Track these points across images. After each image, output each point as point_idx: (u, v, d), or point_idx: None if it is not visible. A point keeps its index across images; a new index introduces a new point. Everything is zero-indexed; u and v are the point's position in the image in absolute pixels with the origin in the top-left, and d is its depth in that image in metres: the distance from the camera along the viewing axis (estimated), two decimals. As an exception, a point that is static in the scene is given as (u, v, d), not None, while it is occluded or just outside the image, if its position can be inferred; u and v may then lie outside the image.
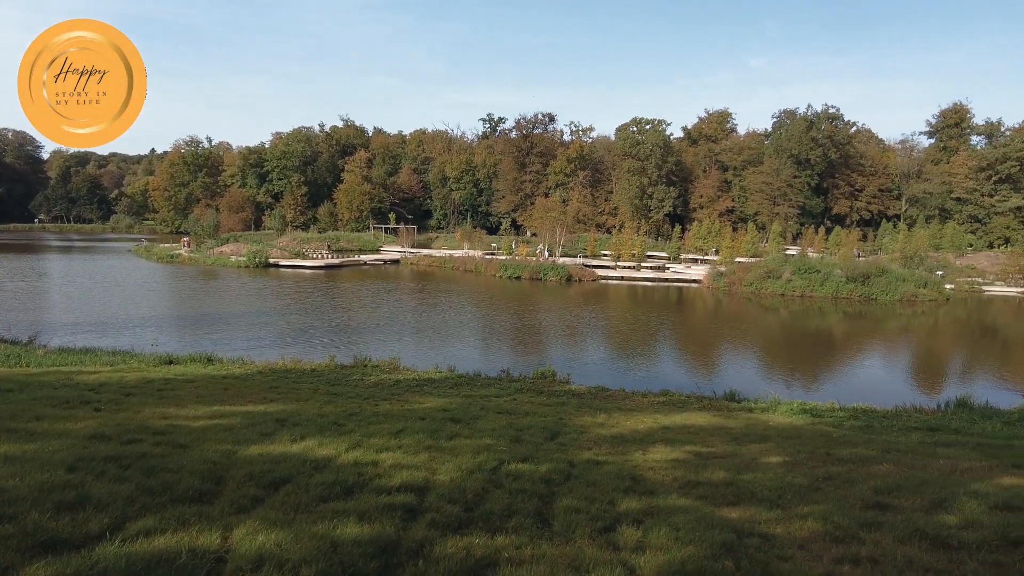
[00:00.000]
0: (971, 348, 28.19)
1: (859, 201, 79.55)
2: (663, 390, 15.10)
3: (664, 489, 5.92)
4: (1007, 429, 10.59)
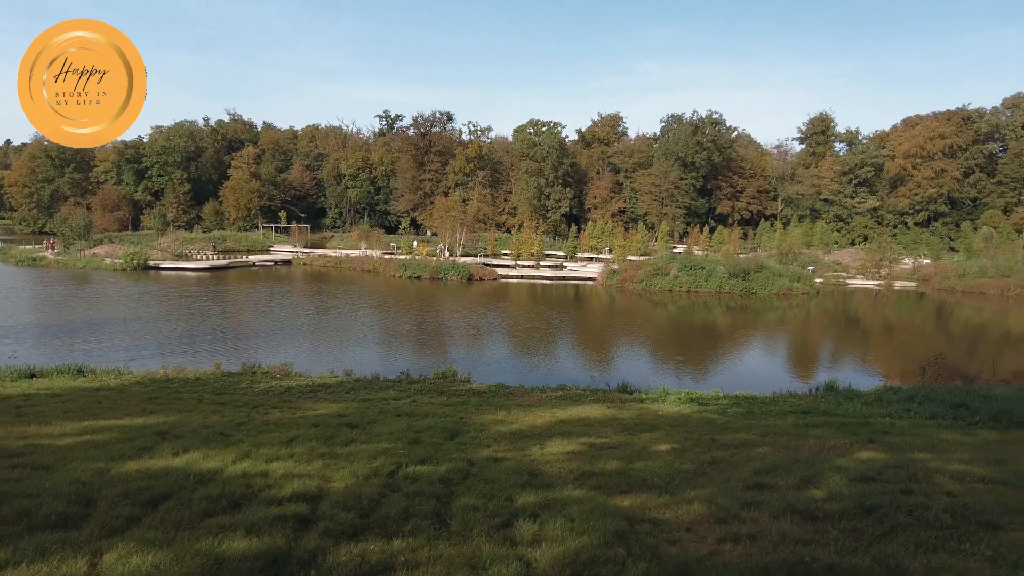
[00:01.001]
0: (838, 336, 30.85)
1: (740, 202, 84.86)
2: (561, 385, 15.45)
3: (560, 481, 6.06)
4: (865, 409, 11.67)
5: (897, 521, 4.80)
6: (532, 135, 78.99)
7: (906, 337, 31.21)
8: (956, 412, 10.85)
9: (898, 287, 47.74)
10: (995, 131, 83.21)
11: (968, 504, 5.19)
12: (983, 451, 7.83)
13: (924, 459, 7.17)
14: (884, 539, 4.44)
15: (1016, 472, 6.39)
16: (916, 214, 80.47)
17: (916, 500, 5.32)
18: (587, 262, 58.72)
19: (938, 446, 8.18)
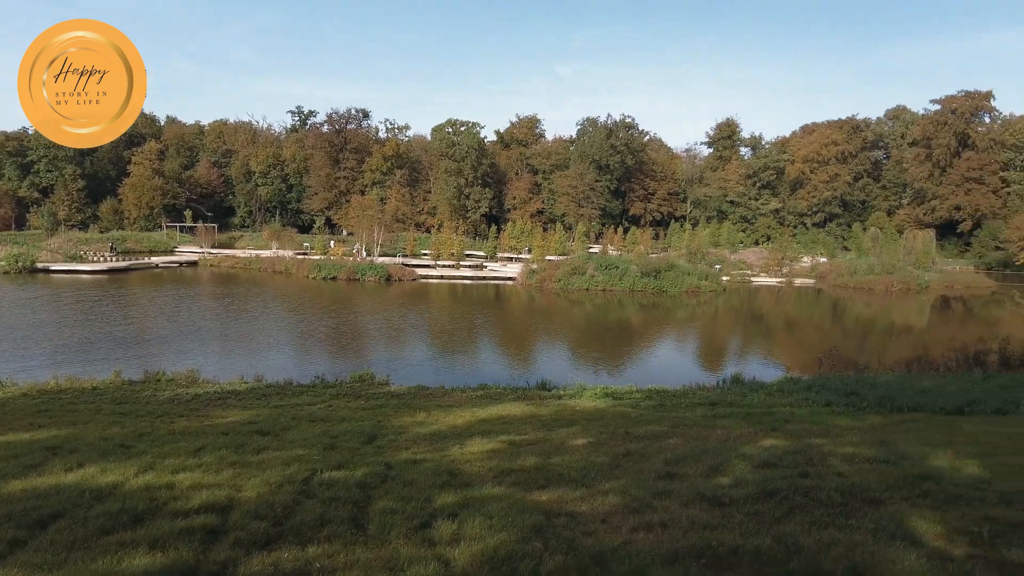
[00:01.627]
0: (743, 332, 32.52)
1: (652, 203, 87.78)
2: (481, 385, 15.51)
3: (480, 480, 6.10)
4: (769, 399, 12.38)
5: (795, 503, 5.12)
6: (451, 135, 78.71)
7: (805, 331, 33.28)
8: (848, 399, 11.69)
9: (798, 284, 50.84)
10: (879, 139, 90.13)
11: (856, 483, 5.61)
12: (869, 434, 8.48)
13: (820, 444, 7.69)
14: (783, 520, 4.73)
15: (896, 452, 6.97)
16: (814, 215, 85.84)
17: (812, 482, 5.69)
18: (507, 262, 59.13)
19: (832, 431, 8.78)
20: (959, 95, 77.61)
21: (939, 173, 77.04)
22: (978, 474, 6.05)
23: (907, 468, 6.23)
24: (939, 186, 76.67)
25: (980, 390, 12.15)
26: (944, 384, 13.01)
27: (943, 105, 78.08)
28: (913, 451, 7.10)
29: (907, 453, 6.98)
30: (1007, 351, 16.77)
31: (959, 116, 76.13)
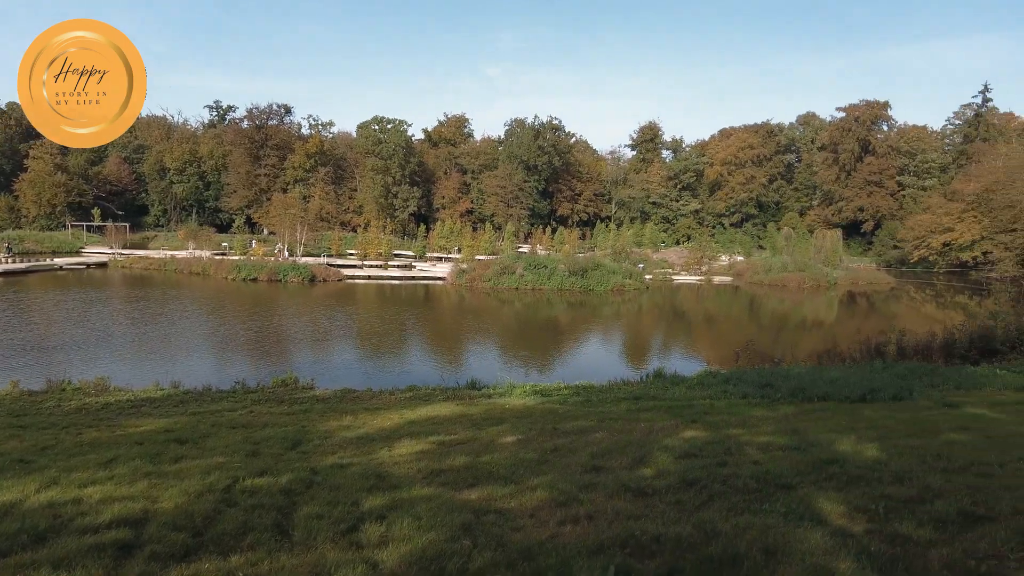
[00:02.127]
0: (666, 328, 33.59)
1: (579, 204, 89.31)
2: (410, 386, 15.37)
3: (409, 482, 6.06)
4: (689, 392, 12.85)
5: (714, 491, 5.36)
6: (377, 132, 77.43)
7: (724, 327, 34.72)
8: (763, 391, 12.28)
9: (717, 282, 52.92)
10: (792, 144, 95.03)
11: (770, 470, 5.93)
12: (782, 423, 8.96)
13: (737, 434, 8.06)
14: (703, 507, 4.94)
15: (806, 440, 7.40)
16: (731, 216, 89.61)
17: (729, 471, 5.97)
18: (437, 262, 58.75)
19: (748, 422, 9.22)
20: (861, 104, 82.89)
21: (845, 176, 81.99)
22: (876, 456, 6.51)
23: (815, 454, 6.63)
24: (845, 188, 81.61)
25: (880, 379, 13.03)
26: (849, 374, 13.86)
27: (847, 113, 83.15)
28: (821, 438, 7.56)
29: (816, 440, 7.42)
30: (903, 342, 18.05)
31: (861, 123, 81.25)
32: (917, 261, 65.54)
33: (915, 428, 8.43)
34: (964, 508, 4.73)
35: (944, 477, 5.65)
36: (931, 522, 4.47)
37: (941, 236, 61.54)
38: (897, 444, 7.18)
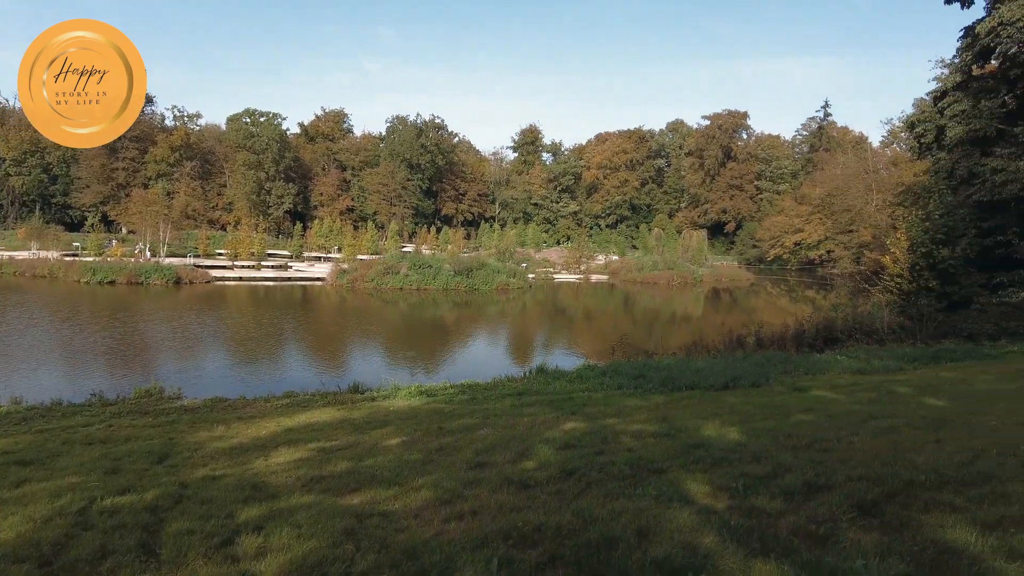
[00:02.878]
0: (548, 324, 34.52)
1: (463, 204, 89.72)
2: (287, 392, 14.75)
3: (287, 490, 5.85)
4: (569, 385, 13.31)
5: (592, 479, 5.61)
6: (249, 125, 73.58)
7: (601, 322, 36.21)
8: (636, 382, 12.96)
9: (594, 280, 55.12)
10: (662, 149, 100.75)
11: (643, 456, 6.29)
12: (654, 412, 9.51)
13: (613, 424, 8.47)
14: (581, 495, 5.15)
15: (675, 427, 7.91)
16: (607, 217, 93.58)
17: (606, 459, 6.27)
18: (315, 262, 56.72)
19: (623, 411, 9.71)
20: (724, 113, 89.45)
21: (709, 180, 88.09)
22: (737, 439, 7.09)
23: (684, 439, 7.11)
24: (710, 192, 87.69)
25: (741, 368, 14.15)
26: (714, 364, 14.93)
27: (712, 121, 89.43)
28: (689, 424, 8.11)
29: (684, 426, 7.95)
30: (761, 334, 19.71)
31: (724, 131, 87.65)
32: (773, 259, 71.70)
33: (770, 411, 9.25)
34: (808, 480, 5.27)
35: (793, 454, 6.25)
36: (781, 494, 4.95)
37: (793, 236, 67.75)
38: (755, 427, 7.85)
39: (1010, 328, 19.57)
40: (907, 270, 22.05)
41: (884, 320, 19.85)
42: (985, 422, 8.04)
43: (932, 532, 4.20)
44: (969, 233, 23.20)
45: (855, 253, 59.04)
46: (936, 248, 21.53)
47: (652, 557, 3.79)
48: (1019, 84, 26.14)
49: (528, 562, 3.82)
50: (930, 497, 4.95)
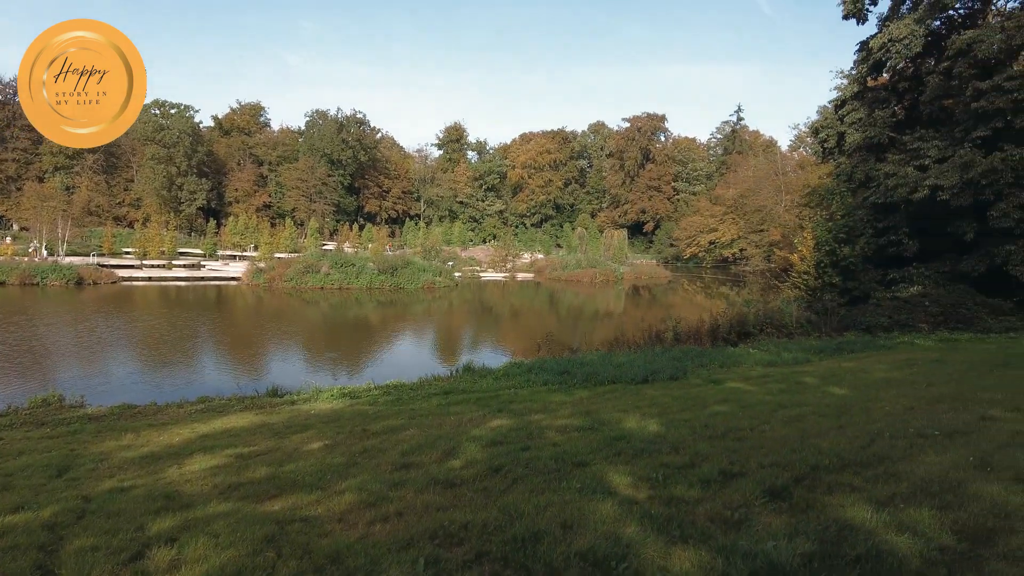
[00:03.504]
0: (475, 323, 34.52)
1: (387, 201, 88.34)
2: (202, 397, 14.09)
3: (203, 499, 5.59)
4: (496, 383, 13.37)
5: (518, 474, 5.66)
6: (158, 117, 69.72)
7: (527, 320, 36.55)
8: (561, 378, 13.17)
9: (520, 278, 55.58)
10: (584, 150, 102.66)
11: (567, 450, 6.40)
12: (578, 406, 9.70)
13: (539, 419, 8.57)
14: (508, 492, 5.19)
15: (599, 420, 8.10)
16: (532, 216, 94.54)
17: (532, 454, 6.34)
18: (230, 260, 54.42)
19: (549, 407, 9.84)
20: (643, 116, 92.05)
21: (629, 181, 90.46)
22: (657, 431, 7.33)
23: (606, 432, 7.28)
24: (630, 192, 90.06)
25: (660, 362, 14.64)
26: (635, 359, 15.37)
27: (631, 123, 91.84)
28: (611, 417, 8.32)
29: (607, 420, 8.15)
30: (678, 329, 20.43)
31: (643, 133, 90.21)
32: (690, 257, 74.46)
33: (688, 403, 9.61)
34: (724, 468, 5.52)
35: (709, 444, 6.53)
36: (699, 483, 5.16)
37: (708, 235, 70.60)
38: (674, 418, 8.14)
39: (901, 320, 21.13)
40: (813, 267, 23.43)
41: (792, 315, 21.02)
42: (881, 407, 8.66)
43: (834, 512, 4.48)
44: (867, 233, 24.89)
45: (766, 251, 62.16)
46: (838, 247, 22.98)
47: (576, 549, 3.87)
48: (907, 96, 28.30)
49: (455, 560, 3.82)
50: (833, 479, 5.29)
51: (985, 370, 12.81)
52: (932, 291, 23.13)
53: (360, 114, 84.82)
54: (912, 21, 25.75)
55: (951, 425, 7.26)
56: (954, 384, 10.77)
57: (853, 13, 28.10)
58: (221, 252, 58.23)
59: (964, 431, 6.99)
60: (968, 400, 8.98)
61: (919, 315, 21.36)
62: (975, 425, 7.33)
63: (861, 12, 28.04)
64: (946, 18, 27.23)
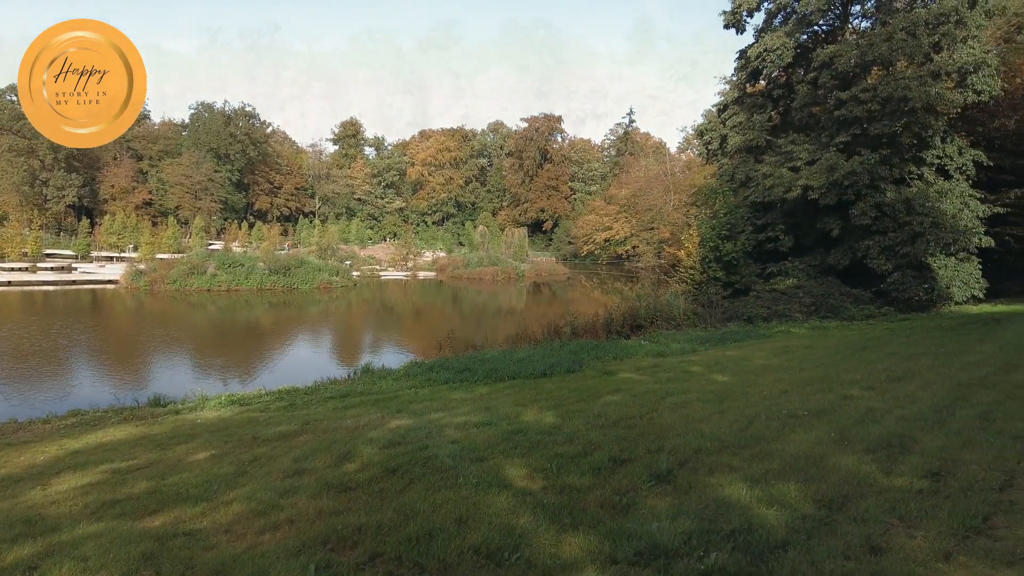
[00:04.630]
0: (375, 323, 33.86)
1: (279, 198, 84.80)
2: (73, 410, 12.95)
3: (71, 521, 5.17)
4: (396, 384, 13.19)
5: (415, 474, 5.63)
6: (15, 103, 63.19)
7: (429, 318, 36.30)
8: (462, 375, 13.20)
9: (422, 277, 55.09)
10: (484, 149, 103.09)
11: (465, 446, 6.44)
12: (478, 403, 9.77)
13: (438, 418, 8.55)
14: (404, 492, 5.16)
15: (497, 415, 8.20)
16: (434, 214, 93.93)
17: (430, 452, 6.33)
18: (106, 262, 50.38)
19: (449, 405, 9.84)
20: (540, 116, 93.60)
21: (528, 180, 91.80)
22: (553, 422, 7.52)
23: (504, 427, 7.39)
24: (529, 191, 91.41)
25: (558, 355, 14.99)
26: (534, 354, 15.65)
27: (529, 123, 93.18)
28: (510, 412, 8.44)
29: (505, 414, 8.26)
30: (576, 323, 21.00)
31: (540, 134, 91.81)
32: (586, 254, 76.59)
33: (583, 395, 9.92)
34: (614, 455, 5.75)
35: (602, 432, 6.78)
36: (591, 471, 5.36)
37: (603, 233, 72.85)
38: (569, 409, 8.38)
39: (779, 311, 22.82)
40: (698, 262, 24.80)
41: (680, 307, 22.15)
42: (759, 391, 9.32)
43: (714, 491, 4.79)
44: (747, 230, 26.65)
45: (656, 248, 65.02)
46: (721, 243, 24.45)
47: (471, 543, 3.92)
48: (781, 102, 30.54)
49: (347, 563, 3.77)
50: (713, 461, 5.65)
51: (848, 353, 14.09)
52: (805, 283, 25.15)
53: (249, 107, 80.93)
54: (783, 34, 27.85)
55: (818, 405, 7.95)
56: (823, 368, 11.77)
57: (733, 23, 30.03)
58: (96, 253, 53.69)
59: (828, 410, 7.67)
60: (833, 382, 9.86)
61: (794, 305, 23.16)
62: (837, 404, 8.06)
63: (740, 23, 30.02)
64: (812, 32, 29.63)
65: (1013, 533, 3.95)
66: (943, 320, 21.67)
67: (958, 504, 4.37)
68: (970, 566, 3.56)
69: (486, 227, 79.91)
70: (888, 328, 19.98)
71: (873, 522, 4.10)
